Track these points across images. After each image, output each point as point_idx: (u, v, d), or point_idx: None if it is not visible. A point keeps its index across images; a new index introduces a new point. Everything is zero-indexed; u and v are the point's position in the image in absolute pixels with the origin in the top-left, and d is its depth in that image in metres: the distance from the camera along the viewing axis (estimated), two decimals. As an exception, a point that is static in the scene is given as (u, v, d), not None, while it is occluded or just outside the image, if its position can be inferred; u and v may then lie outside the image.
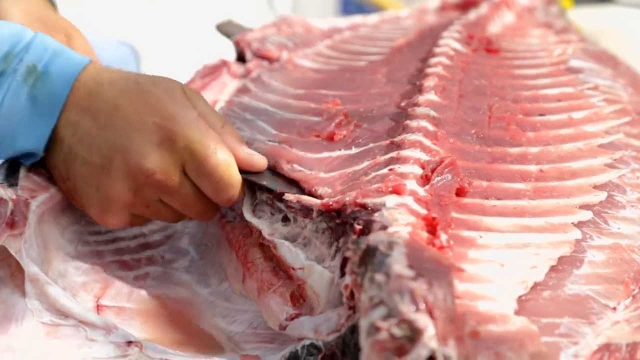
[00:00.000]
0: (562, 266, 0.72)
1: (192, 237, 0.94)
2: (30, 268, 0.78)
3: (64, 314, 0.77)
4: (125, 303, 0.83)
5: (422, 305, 0.57)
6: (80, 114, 0.82)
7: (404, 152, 0.81)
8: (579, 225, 0.77)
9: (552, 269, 0.72)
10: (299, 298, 0.77)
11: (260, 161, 0.85)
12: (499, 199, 0.78)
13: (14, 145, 0.83)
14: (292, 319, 0.75)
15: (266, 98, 1.03)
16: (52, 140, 0.83)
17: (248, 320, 0.82)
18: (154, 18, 2.31)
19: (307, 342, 0.70)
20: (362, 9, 1.78)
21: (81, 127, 0.82)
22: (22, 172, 0.84)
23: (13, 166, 0.85)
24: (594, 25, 1.61)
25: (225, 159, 0.81)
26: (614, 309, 0.69)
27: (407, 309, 0.57)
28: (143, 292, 0.85)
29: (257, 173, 0.85)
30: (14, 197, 0.80)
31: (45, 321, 0.76)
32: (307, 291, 0.76)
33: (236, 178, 0.83)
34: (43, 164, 0.85)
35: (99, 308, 0.81)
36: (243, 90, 1.07)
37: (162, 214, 0.86)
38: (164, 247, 0.92)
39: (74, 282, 0.82)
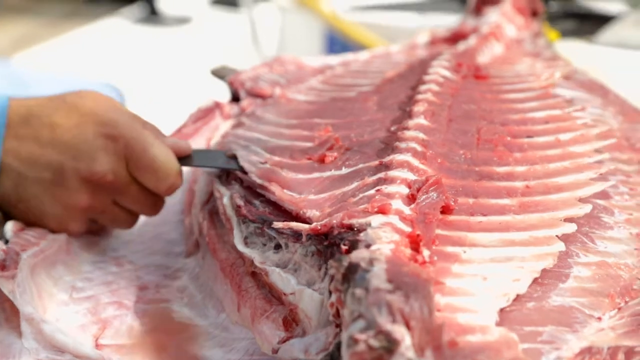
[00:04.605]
0: (548, 280, 0.73)
1: (190, 273, 0.95)
2: (25, 308, 0.79)
3: (60, 349, 0.77)
4: (125, 340, 0.83)
5: (399, 317, 0.58)
6: (19, 140, 0.87)
7: (392, 173, 0.82)
8: (565, 240, 0.77)
9: (537, 282, 0.72)
10: (291, 322, 0.77)
11: (185, 145, 0.93)
12: (484, 215, 0.79)
13: None
14: (284, 341, 0.75)
15: (260, 129, 1.04)
16: None
17: (245, 347, 0.82)
18: (141, 63, 2.35)
19: (298, 363, 0.71)
20: (347, 50, 1.78)
21: (24, 151, 0.87)
22: (9, 229, 0.87)
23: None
24: (579, 61, 1.60)
25: (162, 150, 0.89)
26: (599, 318, 0.70)
27: (384, 320, 0.58)
28: (143, 329, 0.85)
29: (210, 156, 0.95)
30: (4, 248, 0.82)
31: (42, 358, 0.77)
32: (299, 315, 0.76)
33: (175, 167, 0.90)
34: None
35: (98, 348, 0.81)
36: (237, 125, 1.09)
37: (118, 217, 0.93)
38: (160, 286, 0.92)
39: (71, 325, 0.83)
